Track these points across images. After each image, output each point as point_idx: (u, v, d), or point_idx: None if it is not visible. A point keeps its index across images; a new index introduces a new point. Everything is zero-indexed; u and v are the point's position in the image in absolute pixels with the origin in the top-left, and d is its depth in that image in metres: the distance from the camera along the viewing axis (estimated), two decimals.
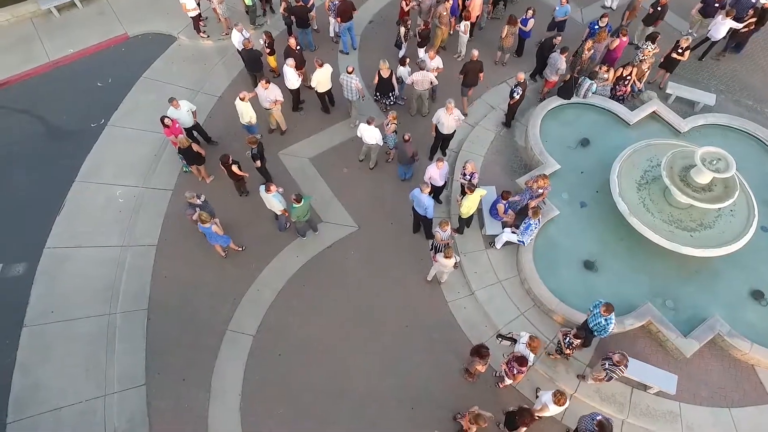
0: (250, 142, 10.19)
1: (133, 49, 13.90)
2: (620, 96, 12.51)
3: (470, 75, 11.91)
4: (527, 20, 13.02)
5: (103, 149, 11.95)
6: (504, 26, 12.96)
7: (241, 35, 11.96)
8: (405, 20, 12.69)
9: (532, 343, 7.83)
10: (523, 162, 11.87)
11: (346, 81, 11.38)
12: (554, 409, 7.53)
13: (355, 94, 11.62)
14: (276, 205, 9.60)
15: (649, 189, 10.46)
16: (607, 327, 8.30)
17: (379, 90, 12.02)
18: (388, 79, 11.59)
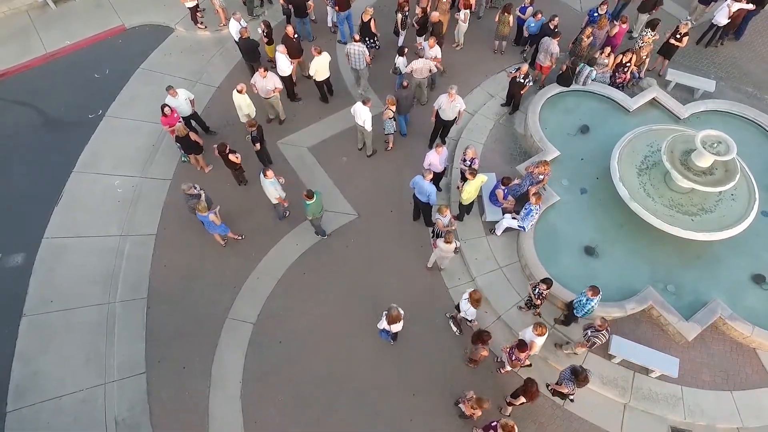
0: (250, 125, 10.15)
1: (130, 40, 13.83)
2: (620, 83, 12.46)
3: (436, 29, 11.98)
4: (525, 8, 12.96)
5: (100, 140, 11.89)
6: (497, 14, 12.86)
7: (238, 24, 11.89)
8: (403, 7, 12.63)
9: (473, 295, 8.13)
10: (522, 149, 11.83)
11: (353, 50, 11.41)
12: (540, 341, 7.89)
13: (362, 63, 11.62)
14: (272, 192, 9.54)
15: (650, 174, 10.42)
16: (585, 306, 8.41)
17: (362, 33, 12.20)
18: (367, 23, 11.98)
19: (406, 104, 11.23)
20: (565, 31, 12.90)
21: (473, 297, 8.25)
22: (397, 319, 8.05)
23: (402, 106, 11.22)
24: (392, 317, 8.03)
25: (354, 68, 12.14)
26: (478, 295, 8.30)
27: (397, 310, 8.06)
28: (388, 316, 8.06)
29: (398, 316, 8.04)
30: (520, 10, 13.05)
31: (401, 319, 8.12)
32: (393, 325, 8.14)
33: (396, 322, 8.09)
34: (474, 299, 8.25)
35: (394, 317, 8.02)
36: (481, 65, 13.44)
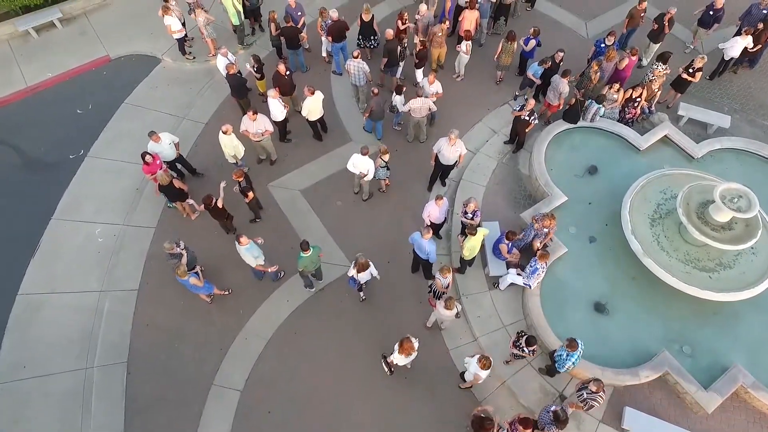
0: (237, 176, 9.52)
1: (115, 72, 13.20)
2: (629, 119, 11.82)
3: (392, 56, 11.59)
4: (528, 39, 12.30)
5: (82, 183, 11.27)
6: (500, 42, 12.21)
7: (225, 59, 11.25)
8: (401, 38, 11.97)
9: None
10: (527, 192, 11.19)
11: (355, 66, 11.11)
12: (484, 374, 7.70)
13: (363, 79, 11.41)
14: (250, 260, 8.86)
15: (663, 224, 9.78)
16: (566, 361, 7.91)
17: (362, 34, 12.30)
18: (369, 22, 11.93)
19: (377, 110, 10.91)
20: (570, 59, 12.32)
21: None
22: (365, 266, 8.30)
23: (374, 113, 10.98)
24: (360, 264, 8.28)
25: (354, 84, 11.72)
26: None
27: (364, 257, 8.32)
28: (356, 264, 8.31)
29: (366, 263, 8.31)
30: (524, 41, 12.39)
31: (369, 267, 8.44)
32: (361, 273, 8.42)
33: (364, 269, 8.37)
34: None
35: (362, 264, 8.27)
36: (483, 98, 12.80)
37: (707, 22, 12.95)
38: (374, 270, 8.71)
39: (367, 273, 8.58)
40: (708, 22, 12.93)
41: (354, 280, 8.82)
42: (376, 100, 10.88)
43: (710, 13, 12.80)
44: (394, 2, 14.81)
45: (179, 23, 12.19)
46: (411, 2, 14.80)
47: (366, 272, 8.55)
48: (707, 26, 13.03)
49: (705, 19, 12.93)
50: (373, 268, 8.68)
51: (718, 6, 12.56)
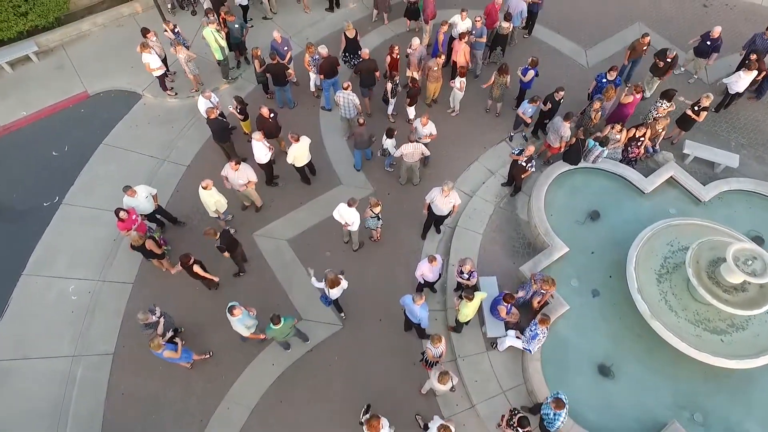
0: (207, 233, 8.90)
1: (93, 109, 12.57)
2: (632, 158, 11.25)
3: (365, 75, 11.38)
4: (527, 70, 11.70)
5: (56, 234, 10.66)
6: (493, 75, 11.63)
7: (208, 102, 10.65)
8: (392, 75, 11.38)
9: None
10: (526, 240, 10.61)
11: (344, 98, 10.71)
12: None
13: (353, 112, 10.98)
14: (242, 330, 8.27)
15: (671, 280, 9.22)
16: (555, 422, 7.39)
17: (347, 50, 12.13)
18: (354, 39, 11.84)
19: (362, 141, 10.65)
20: (570, 90, 11.85)
21: None
22: (335, 282, 8.14)
23: (358, 143, 10.72)
24: (330, 281, 8.13)
25: (344, 117, 11.23)
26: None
27: (333, 273, 8.15)
28: (326, 280, 8.17)
29: (336, 279, 8.14)
30: (521, 71, 11.80)
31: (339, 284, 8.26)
32: (332, 289, 8.27)
33: (334, 286, 8.22)
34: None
35: (332, 281, 8.12)
36: (480, 134, 12.22)
37: (705, 52, 12.40)
38: (345, 283, 8.57)
39: (338, 289, 8.43)
40: (706, 52, 12.39)
41: (326, 297, 8.67)
42: (360, 130, 10.47)
43: (707, 44, 12.25)
44: (384, 30, 14.23)
45: (158, 60, 11.57)
46: (403, 30, 14.21)
47: (338, 288, 8.39)
48: (706, 56, 12.47)
49: (702, 49, 12.39)
50: (344, 281, 8.55)
51: (715, 35, 12.02)
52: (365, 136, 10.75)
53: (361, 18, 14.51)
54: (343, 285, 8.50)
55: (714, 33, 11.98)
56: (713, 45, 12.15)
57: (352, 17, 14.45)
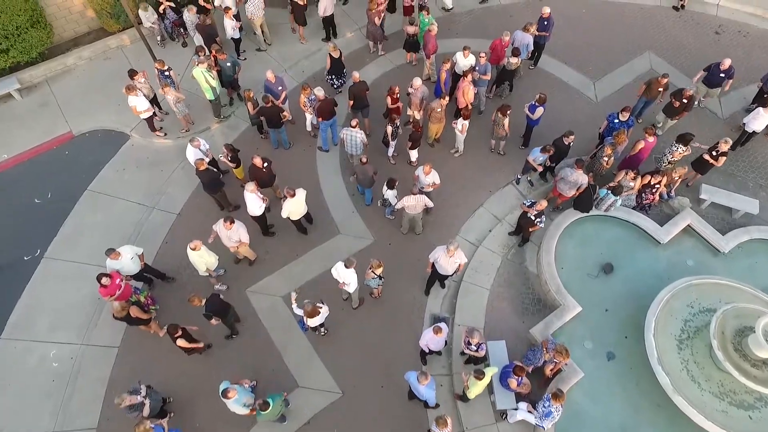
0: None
1: (78, 151, 11.96)
2: (646, 204, 10.67)
3: (358, 99, 11.12)
4: (535, 107, 11.10)
5: (36, 292, 10.05)
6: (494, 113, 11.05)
7: (198, 152, 10.04)
8: (393, 118, 10.77)
9: None
10: (536, 296, 10.02)
11: (350, 135, 10.35)
12: None
13: (359, 148, 10.53)
14: (240, 410, 7.67)
15: (692, 347, 8.65)
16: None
17: (333, 72, 11.99)
18: (338, 59, 11.65)
19: (365, 179, 10.25)
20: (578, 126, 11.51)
21: None
22: (313, 313, 8.07)
23: (361, 180, 10.34)
24: (308, 312, 8.06)
25: (349, 153, 10.78)
26: None
27: (311, 305, 8.06)
28: (304, 311, 8.09)
29: (314, 310, 8.05)
30: (529, 108, 11.21)
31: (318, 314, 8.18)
32: (310, 319, 8.21)
33: (313, 316, 8.14)
34: None
35: (309, 312, 8.05)
36: (485, 176, 11.63)
37: (717, 82, 11.83)
38: (325, 309, 8.51)
39: (318, 318, 8.36)
40: (718, 82, 11.81)
41: (303, 323, 8.58)
42: (363, 168, 10.00)
43: (720, 75, 11.67)
44: (383, 62, 13.63)
45: (145, 103, 10.95)
46: (402, 61, 13.61)
47: (317, 317, 8.32)
48: (718, 85, 11.90)
49: (715, 80, 11.81)
50: (325, 309, 8.49)
51: (725, 67, 11.47)
52: (368, 174, 10.25)
53: (359, 48, 13.92)
54: (324, 313, 8.45)
55: (724, 64, 11.43)
56: (728, 73, 11.59)
57: (349, 47, 13.90)
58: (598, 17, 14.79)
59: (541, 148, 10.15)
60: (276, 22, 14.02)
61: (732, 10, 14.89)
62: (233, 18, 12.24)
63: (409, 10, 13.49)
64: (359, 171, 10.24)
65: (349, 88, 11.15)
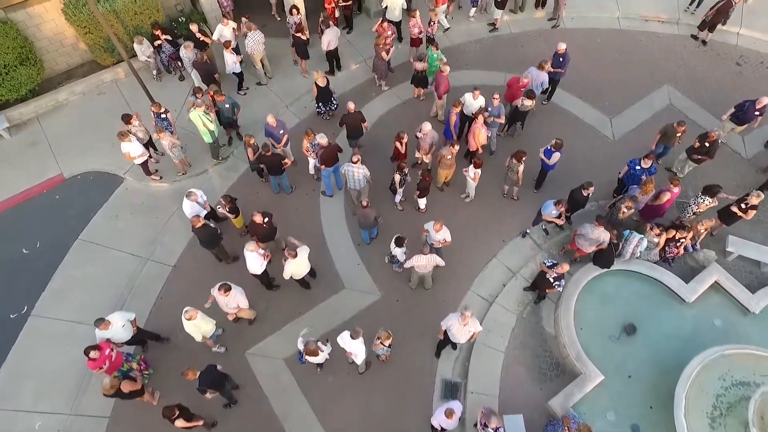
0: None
1: (69, 195, 11.36)
2: (670, 257, 10.05)
3: (351, 129, 10.80)
4: (551, 152, 10.49)
5: (22, 354, 9.46)
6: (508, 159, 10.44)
7: (194, 205, 9.45)
8: (401, 166, 10.16)
9: None
10: (554, 359, 9.42)
11: (351, 172, 9.89)
12: None
13: (362, 183, 10.09)
14: None
15: (725, 425, 8.08)
16: None
17: (320, 100, 11.64)
18: (325, 87, 11.31)
19: (366, 223, 9.83)
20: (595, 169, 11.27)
21: None
22: (314, 353, 7.96)
23: (362, 223, 9.93)
24: (309, 350, 7.93)
25: (353, 189, 10.28)
26: None
27: (315, 344, 7.94)
28: (305, 348, 7.96)
29: (315, 350, 7.93)
30: (544, 152, 10.60)
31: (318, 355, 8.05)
32: (309, 356, 8.07)
33: (312, 355, 8.03)
34: None
35: (310, 351, 7.92)
36: (497, 224, 11.02)
37: (748, 120, 11.23)
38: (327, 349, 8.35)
39: (318, 358, 8.26)
40: (749, 119, 11.22)
41: (301, 356, 8.33)
42: (364, 211, 9.50)
43: (756, 113, 11.07)
44: (390, 97, 13.03)
45: (139, 147, 10.37)
46: (409, 96, 13.00)
47: (319, 357, 8.20)
48: (749, 122, 11.30)
49: (746, 118, 11.22)
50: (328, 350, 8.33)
51: (762, 105, 10.87)
52: (370, 218, 9.72)
53: (364, 82, 13.33)
54: (324, 355, 8.31)
55: (761, 103, 10.88)
56: (761, 112, 11.00)
57: (354, 81, 13.33)
58: (614, 47, 14.18)
59: (555, 202, 9.53)
60: (277, 52, 13.42)
61: (753, 40, 14.28)
62: (233, 52, 11.65)
63: (416, 42, 12.89)
64: (360, 214, 9.74)
65: (342, 117, 10.71)
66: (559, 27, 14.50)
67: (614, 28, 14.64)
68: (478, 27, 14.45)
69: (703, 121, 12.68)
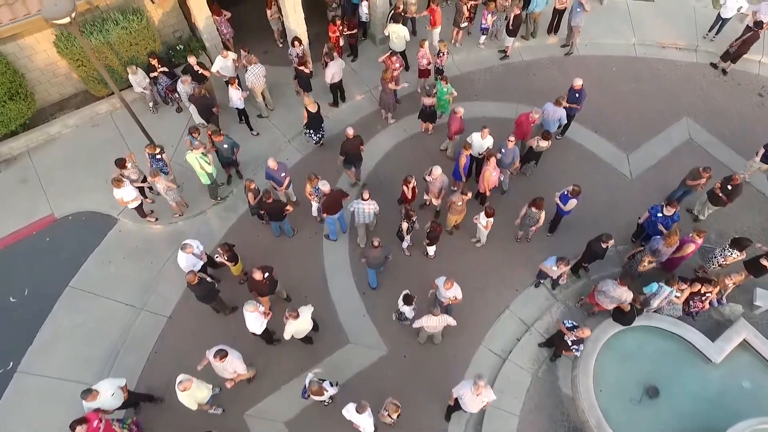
0: None
1: (60, 237, 10.83)
2: (694, 311, 9.49)
3: (351, 155, 10.48)
4: (567, 198, 9.92)
5: (8, 414, 8.95)
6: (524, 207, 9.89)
7: (191, 258, 8.91)
8: (409, 214, 9.60)
9: None
10: (571, 424, 8.89)
11: (361, 209, 9.57)
12: None
13: (372, 218, 9.82)
14: None
15: None
16: None
17: (310, 126, 11.16)
18: (316, 113, 10.83)
19: (376, 263, 9.40)
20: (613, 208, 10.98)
21: None
22: (318, 393, 7.81)
23: (371, 264, 9.48)
24: (313, 390, 7.79)
25: (360, 223, 9.93)
26: None
27: (317, 385, 7.75)
28: (309, 387, 7.81)
29: (319, 390, 7.75)
30: (560, 197, 10.04)
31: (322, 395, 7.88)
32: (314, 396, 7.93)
33: (316, 395, 7.88)
34: None
35: (314, 391, 7.78)
36: (510, 272, 10.48)
37: None
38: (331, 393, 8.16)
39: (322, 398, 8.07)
40: None
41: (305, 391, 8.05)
42: (374, 253, 9.06)
43: None
44: (396, 131, 12.48)
45: (133, 192, 9.85)
46: (417, 130, 12.44)
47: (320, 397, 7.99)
48: None
49: None
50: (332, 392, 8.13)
51: None
52: (380, 259, 9.30)
53: (369, 113, 12.79)
54: (327, 396, 8.09)
55: None
56: None
57: (359, 112, 12.80)
58: (630, 76, 13.60)
59: (558, 258, 8.91)
60: (279, 81, 12.85)
61: None
62: (239, 87, 11.07)
63: (425, 73, 12.35)
64: (370, 255, 9.23)
65: (342, 144, 10.30)
66: (572, 54, 13.91)
67: (630, 56, 14.05)
68: (488, 54, 13.86)
69: (725, 157, 12.13)
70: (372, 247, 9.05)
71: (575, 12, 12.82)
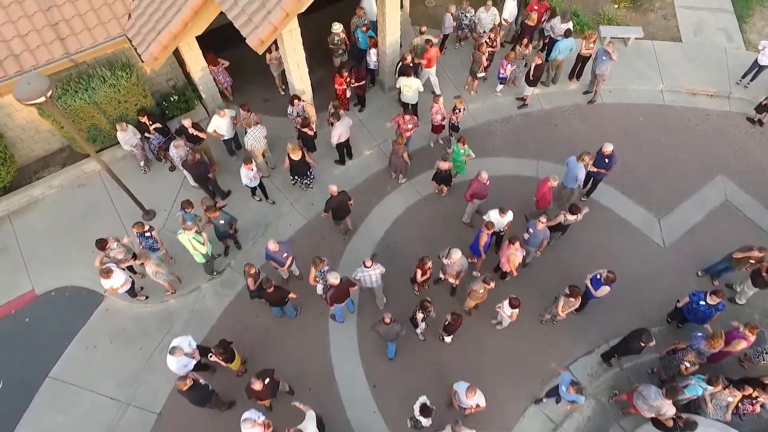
0: None
1: (40, 317, 9.91)
2: (743, 414, 8.52)
3: (339, 210, 9.89)
4: (600, 284, 8.96)
5: None
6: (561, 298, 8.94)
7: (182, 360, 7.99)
8: (425, 307, 8.65)
9: None
10: None
11: (365, 276, 8.86)
12: None
13: (379, 282, 9.10)
14: None
15: None
16: None
17: (295, 173, 10.56)
18: (300, 160, 10.13)
19: (389, 336, 8.72)
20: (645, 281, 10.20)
21: None
22: None
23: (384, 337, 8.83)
24: None
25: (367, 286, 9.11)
26: None
27: None
28: None
29: None
30: (592, 281, 9.10)
31: None
32: None
33: None
34: None
35: None
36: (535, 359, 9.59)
37: None
38: None
39: None
40: None
41: None
42: (386, 328, 8.37)
43: None
44: (408, 192, 11.53)
45: (122, 276, 8.92)
46: (430, 191, 11.48)
47: None
48: None
49: None
50: None
51: None
52: (392, 334, 8.56)
53: (378, 172, 11.83)
54: None
55: None
56: None
57: (367, 170, 11.89)
58: (659, 127, 12.64)
59: (572, 382, 7.88)
60: (280, 135, 11.80)
61: None
62: (252, 168, 9.95)
63: (438, 129, 11.41)
64: (383, 330, 8.51)
65: (327, 202, 9.65)
66: (595, 102, 12.95)
67: (658, 104, 13.08)
68: (506, 102, 12.90)
69: (765, 221, 11.14)
70: (383, 323, 8.31)
71: (600, 60, 11.87)
